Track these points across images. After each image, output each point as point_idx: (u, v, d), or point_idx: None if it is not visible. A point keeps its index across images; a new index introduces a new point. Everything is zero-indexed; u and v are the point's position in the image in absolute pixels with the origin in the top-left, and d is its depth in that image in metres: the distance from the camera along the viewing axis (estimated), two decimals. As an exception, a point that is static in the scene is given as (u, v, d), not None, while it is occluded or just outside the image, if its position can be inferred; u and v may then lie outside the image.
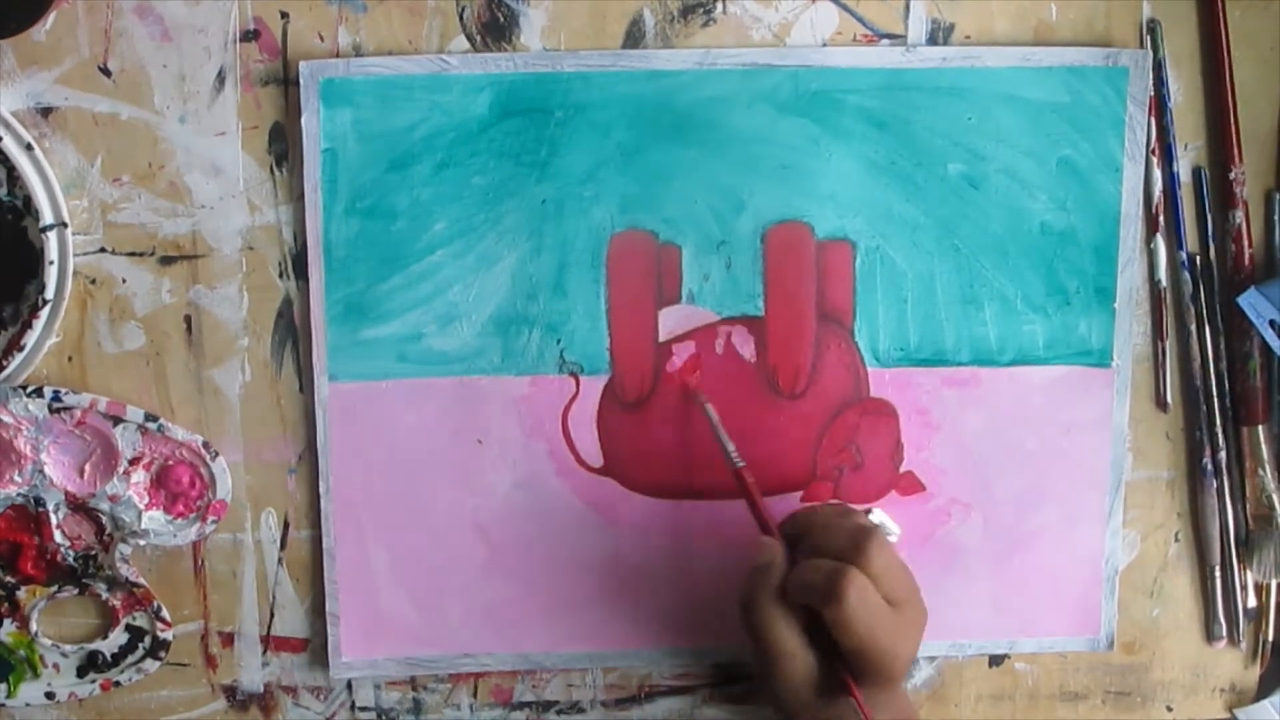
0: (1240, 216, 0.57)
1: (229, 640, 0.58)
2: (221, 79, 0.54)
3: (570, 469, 0.57)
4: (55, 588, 0.57)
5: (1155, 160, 0.57)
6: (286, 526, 0.57)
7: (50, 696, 0.57)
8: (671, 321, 0.56)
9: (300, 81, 0.53)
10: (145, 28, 0.53)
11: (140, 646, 0.58)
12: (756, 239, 0.56)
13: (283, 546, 0.57)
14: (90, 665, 0.58)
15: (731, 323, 0.56)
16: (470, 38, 0.54)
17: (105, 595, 0.57)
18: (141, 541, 0.56)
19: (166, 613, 0.57)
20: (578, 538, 0.57)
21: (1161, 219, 0.57)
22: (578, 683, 0.59)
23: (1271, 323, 0.56)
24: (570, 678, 0.59)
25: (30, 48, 0.53)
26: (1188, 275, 0.57)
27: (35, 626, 0.57)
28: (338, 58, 0.54)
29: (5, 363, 0.54)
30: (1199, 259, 0.58)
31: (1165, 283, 0.58)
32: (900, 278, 0.56)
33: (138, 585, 0.56)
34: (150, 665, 0.58)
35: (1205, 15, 0.56)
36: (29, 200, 0.53)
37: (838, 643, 0.48)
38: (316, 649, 0.58)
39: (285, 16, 0.54)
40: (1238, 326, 0.58)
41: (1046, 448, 0.58)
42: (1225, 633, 0.60)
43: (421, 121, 0.54)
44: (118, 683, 0.57)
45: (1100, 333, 0.57)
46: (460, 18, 0.54)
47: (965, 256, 0.56)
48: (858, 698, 0.48)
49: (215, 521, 0.56)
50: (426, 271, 0.55)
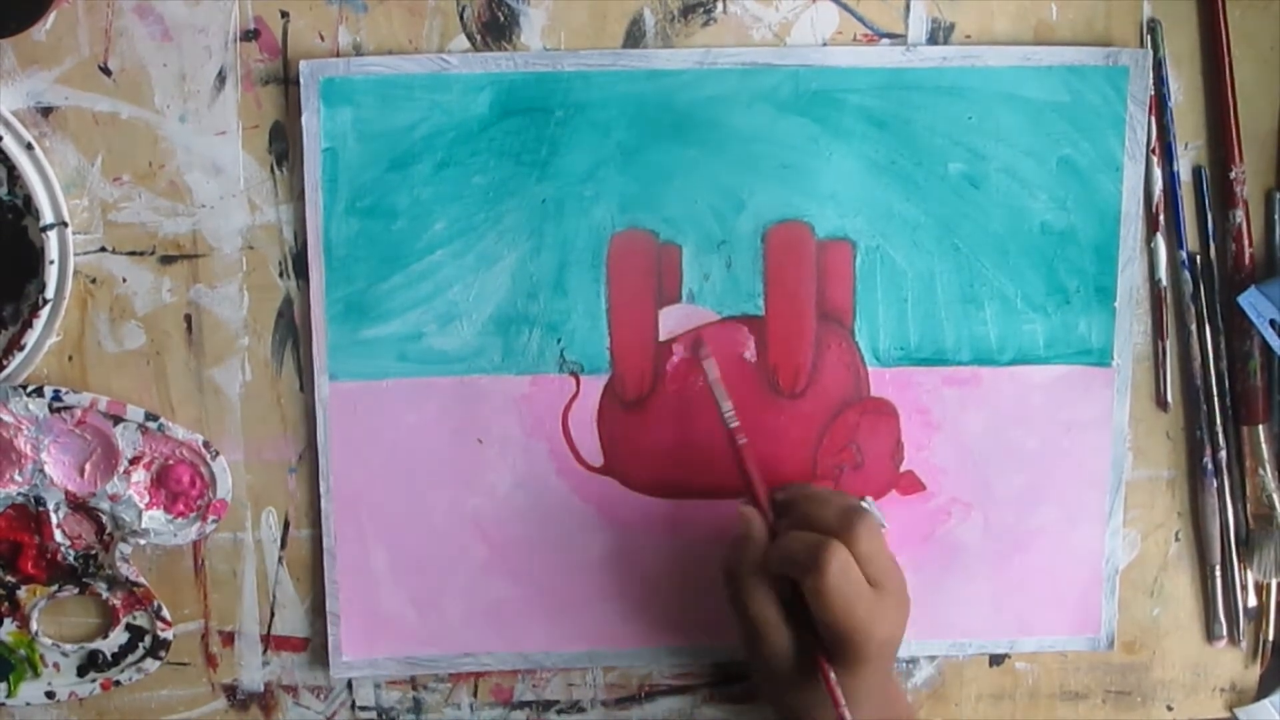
0: (1240, 216, 0.57)
1: (229, 640, 0.58)
2: (222, 78, 0.54)
3: (570, 468, 0.57)
4: (55, 587, 0.57)
5: (1155, 159, 0.57)
6: (287, 526, 0.57)
7: (50, 696, 0.57)
8: (672, 321, 0.56)
9: (300, 81, 0.53)
10: (145, 27, 0.53)
11: (140, 646, 0.58)
12: (757, 238, 0.56)
13: (283, 546, 0.57)
14: (90, 664, 0.58)
15: (731, 322, 0.56)
16: (470, 37, 0.54)
17: (105, 595, 0.57)
18: (142, 541, 0.56)
19: (167, 612, 0.57)
20: (578, 537, 0.57)
21: (1162, 218, 0.57)
22: (578, 682, 0.59)
23: (1272, 322, 0.56)
24: (570, 677, 0.59)
25: (30, 47, 0.53)
26: (1188, 274, 0.57)
27: (35, 626, 0.57)
28: (338, 57, 0.54)
29: (5, 362, 0.54)
30: (1199, 258, 0.58)
31: (1165, 282, 0.58)
32: (900, 277, 0.56)
33: (138, 584, 0.56)
34: (150, 665, 0.58)
35: (1205, 15, 0.56)
36: (29, 199, 0.53)
37: (814, 618, 0.48)
38: (317, 648, 0.58)
39: (285, 16, 0.54)
40: (1238, 326, 0.58)
41: (1047, 447, 0.58)
42: (1225, 632, 0.60)
43: (422, 121, 0.54)
44: (118, 682, 0.57)
45: (1100, 332, 0.57)
46: (460, 17, 0.54)
47: (965, 256, 0.56)
48: (826, 674, 0.48)
49: (215, 521, 0.56)
50: (427, 271, 0.55)
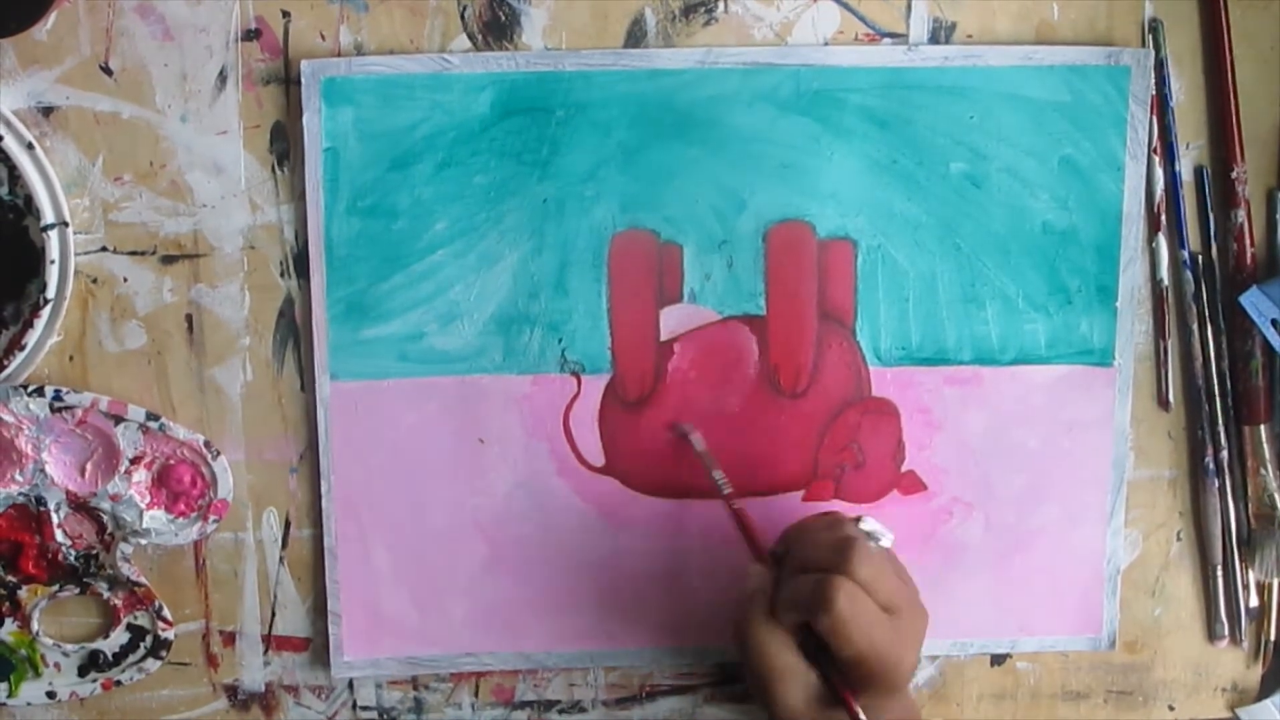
0: (1242, 215, 0.57)
1: (230, 639, 0.58)
2: (223, 78, 0.54)
3: (572, 468, 0.57)
4: (56, 587, 0.57)
5: (1157, 159, 0.57)
6: (288, 526, 0.57)
7: (51, 696, 0.57)
8: (673, 321, 0.56)
9: (301, 80, 0.53)
10: (147, 27, 0.53)
11: (141, 646, 0.58)
12: (758, 238, 0.56)
13: (284, 546, 0.57)
14: (91, 664, 0.58)
15: (733, 321, 0.56)
16: (471, 37, 0.54)
17: (106, 594, 0.57)
18: (143, 541, 0.56)
19: (168, 612, 0.57)
20: (579, 537, 0.57)
21: (1163, 218, 0.57)
22: (579, 682, 0.59)
23: (1273, 321, 0.56)
24: (572, 677, 0.59)
25: (31, 47, 0.53)
26: (1189, 274, 0.57)
27: (36, 626, 0.57)
28: (339, 57, 0.54)
29: (7, 362, 0.54)
30: (1201, 258, 0.58)
31: (1167, 282, 0.58)
32: (902, 277, 0.56)
33: (139, 584, 0.56)
34: (151, 664, 0.57)
35: (1206, 14, 0.56)
36: (30, 199, 0.53)
37: (835, 655, 0.47)
38: (318, 648, 0.58)
39: (286, 15, 0.54)
40: (1239, 325, 0.58)
41: (1048, 447, 0.58)
42: (1227, 632, 0.60)
43: (423, 121, 0.54)
44: (119, 682, 0.57)
45: (1102, 332, 0.57)
46: (462, 17, 0.54)
47: (967, 255, 0.56)
48: (855, 713, 0.47)
49: (216, 521, 0.56)
50: (428, 271, 0.55)
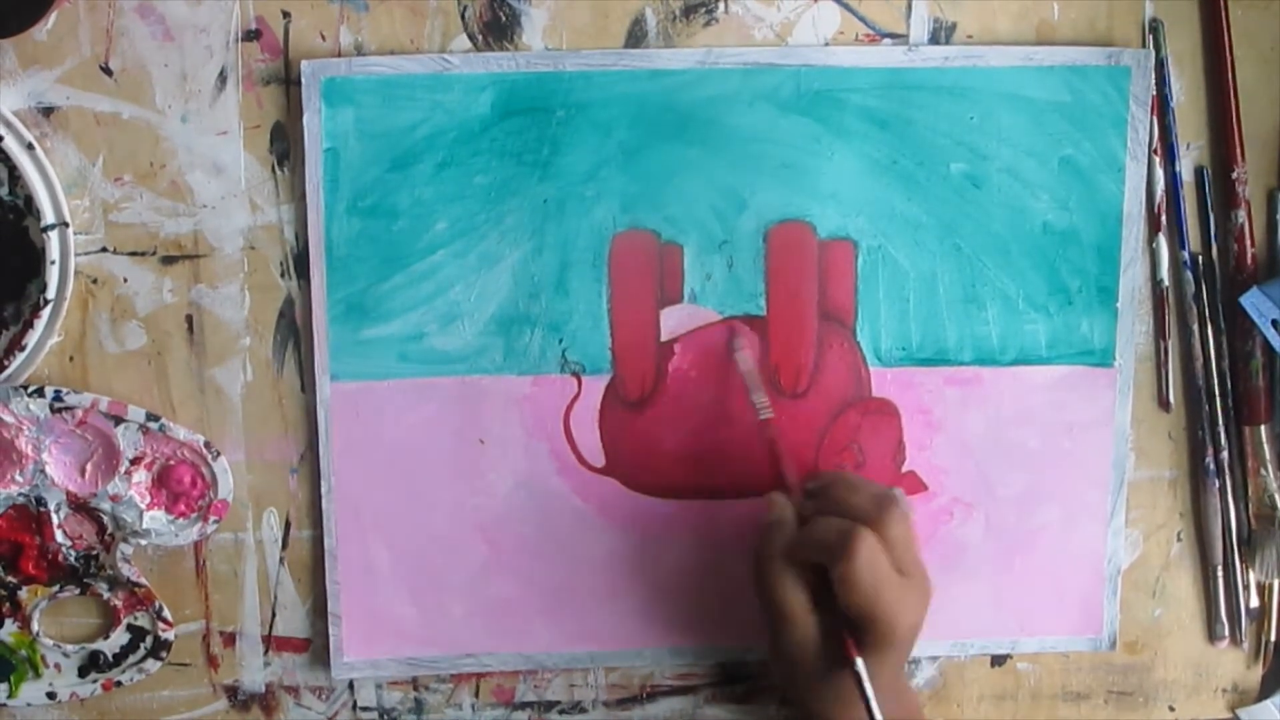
0: (1242, 216, 0.57)
1: (230, 640, 0.58)
2: (223, 78, 0.54)
3: (572, 469, 0.57)
4: (57, 587, 0.57)
5: (1157, 160, 0.57)
6: (288, 526, 0.57)
7: (52, 696, 0.57)
8: (673, 321, 0.56)
9: (302, 80, 0.53)
10: (147, 27, 0.53)
11: (142, 646, 0.58)
12: (758, 238, 0.56)
13: (284, 546, 0.57)
14: (92, 665, 0.58)
15: (733, 322, 0.56)
16: (472, 37, 0.54)
17: (107, 595, 0.57)
18: (143, 541, 0.56)
19: (168, 613, 0.57)
20: (579, 537, 0.57)
21: (1164, 218, 0.57)
22: (580, 682, 0.59)
23: (1274, 322, 0.56)
24: (572, 677, 0.59)
25: (32, 47, 0.53)
26: (1190, 275, 0.57)
27: (37, 626, 0.57)
28: (339, 57, 0.54)
29: (7, 362, 0.54)
30: (1201, 258, 0.58)
31: (1167, 282, 0.58)
32: (902, 277, 0.56)
33: (139, 585, 0.56)
34: (152, 665, 0.57)
35: (1207, 15, 0.56)
36: (30, 200, 0.53)
37: (840, 603, 0.48)
38: (318, 649, 0.58)
39: (287, 16, 0.54)
40: (1240, 326, 0.58)
41: (1048, 447, 0.58)
42: (1227, 632, 0.60)
43: (423, 121, 0.54)
44: (119, 683, 0.57)
45: (1102, 332, 0.57)
46: (462, 17, 0.54)
47: (967, 256, 0.56)
48: (854, 659, 0.48)
49: (217, 521, 0.56)
50: (428, 271, 0.55)
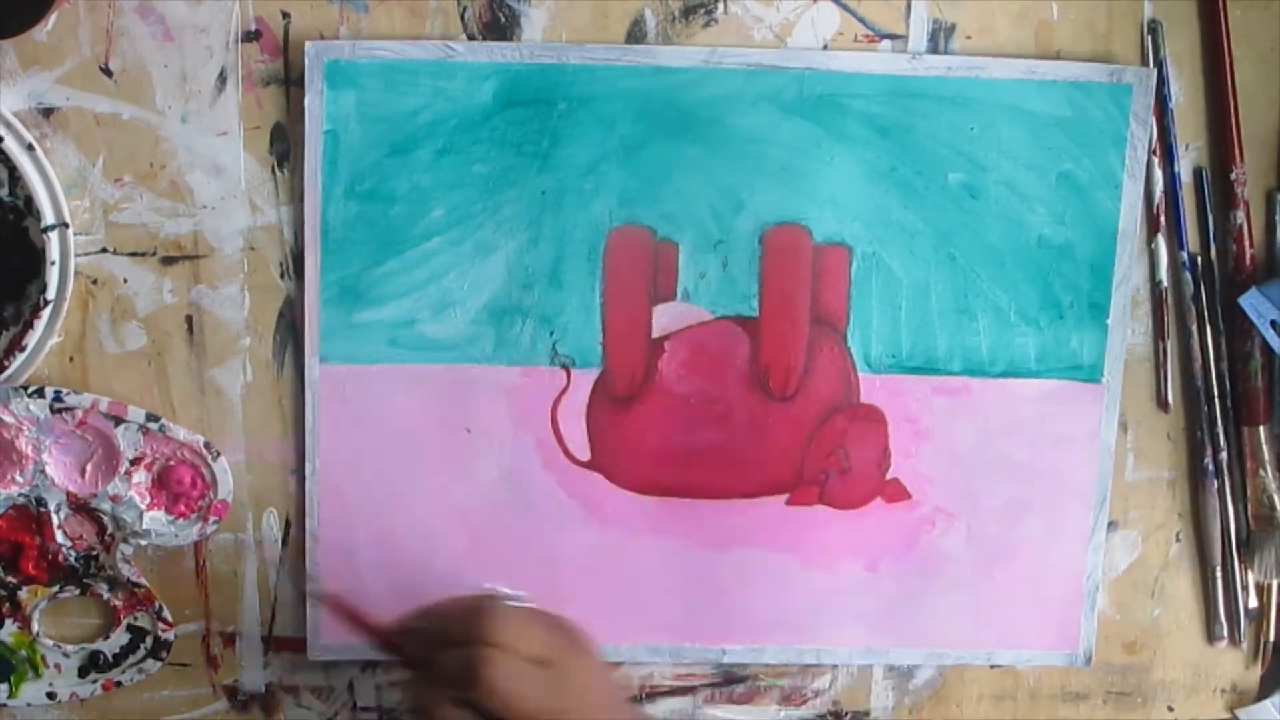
0: (1241, 217, 0.57)
1: (230, 640, 0.58)
2: (223, 79, 0.54)
3: (557, 461, 0.57)
4: (57, 588, 0.57)
5: (1156, 160, 0.57)
6: (288, 526, 0.57)
7: (52, 697, 0.57)
8: (665, 318, 0.56)
9: (305, 62, 0.53)
10: (147, 28, 0.53)
11: (142, 646, 0.58)
12: (754, 239, 0.56)
13: (284, 546, 0.57)
14: (92, 665, 0.58)
15: (725, 322, 0.56)
16: (471, 37, 0.54)
17: (107, 595, 0.57)
18: (143, 541, 0.56)
19: (168, 613, 0.57)
20: (561, 530, 0.57)
21: (1163, 219, 0.57)
22: (579, 683, 0.59)
23: (1273, 323, 0.56)
24: (571, 678, 0.59)
25: (32, 48, 0.53)
26: (1189, 275, 0.57)
27: (37, 627, 0.57)
28: (342, 40, 0.54)
29: (7, 363, 0.54)
30: (1200, 259, 0.58)
31: (1166, 283, 0.58)
32: (895, 284, 0.56)
33: (139, 585, 0.56)
34: (152, 665, 0.57)
35: (1206, 15, 0.56)
36: (30, 200, 0.53)
37: None
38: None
39: (286, 16, 0.54)
40: (1239, 327, 0.58)
41: (1033, 460, 0.58)
42: (1226, 633, 0.60)
43: (425, 107, 0.54)
44: (119, 683, 0.57)
45: (1092, 348, 0.57)
46: (461, 17, 0.54)
47: (961, 266, 0.56)
48: None
49: (216, 521, 0.56)
50: (422, 257, 0.55)
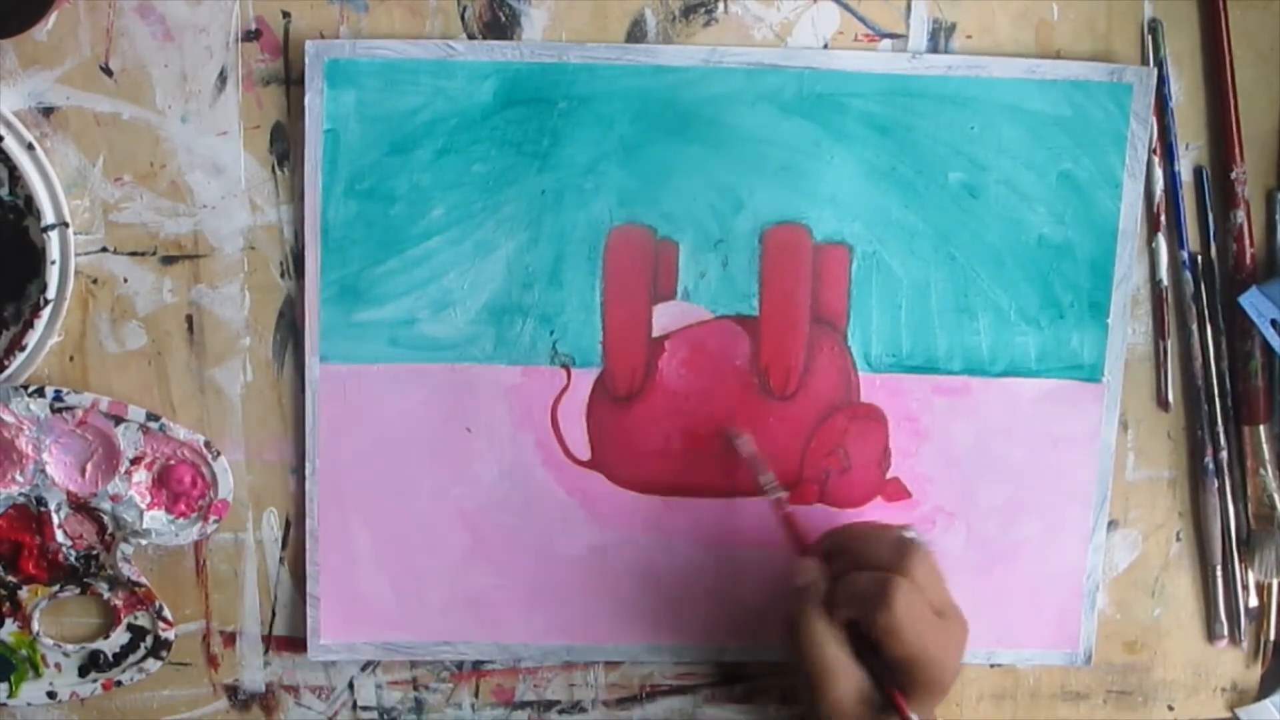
0: (1241, 216, 0.57)
1: (230, 640, 0.58)
2: (223, 79, 0.54)
3: (557, 461, 0.57)
4: (57, 587, 0.57)
5: (1157, 160, 0.57)
6: (288, 526, 0.57)
7: (52, 696, 0.57)
8: (665, 318, 0.56)
9: (305, 60, 0.53)
10: (147, 27, 0.54)
11: (142, 646, 0.58)
12: (754, 239, 0.56)
13: (284, 546, 0.57)
14: (92, 665, 0.58)
15: (725, 321, 0.56)
16: (472, 37, 0.54)
17: (107, 595, 0.57)
18: (143, 541, 0.56)
19: (168, 612, 0.57)
20: (561, 530, 0.57)
21: (1163, 219, 0.57)
22: (579, 682, 0.59)
23: (1273, 322, 0.56)
24: (571, 677, 0.59)
25: (32, 47, 0.53)
26: (1189, 275, 0.57)
27: (37, 626, 0.57)
28: (342, 39, 0.54)
29: (7, 362, 0.54)
30: (1200, 258, 0.58)
31: (1166, 282, 0.58)
32: (896, 284, 0.56)
33: (139, 585, 0.57)
34: (152, 665, 0.58)
35: (1206, 15, 0.56)
36: (30, 200, 0.53)
37: (886, 655, 0.47)
38: (318, 648, 0.58)
39: (287, 16, 0.54)
40: (1239, 326, 0.58)
41: (1033, 460, 0.58)
42: (1226, 632, 0.60)
43: (425, 106, 0.54)
44: (119, 682, 0.58)
45: (1092, 347, 0.57)
46: (461, 17, 0.54)
47: (961, 265, 0.56)
48: (905, 713, 0.47)
49: (217, 521, 0.56)
50: (422, 256, 0.55)
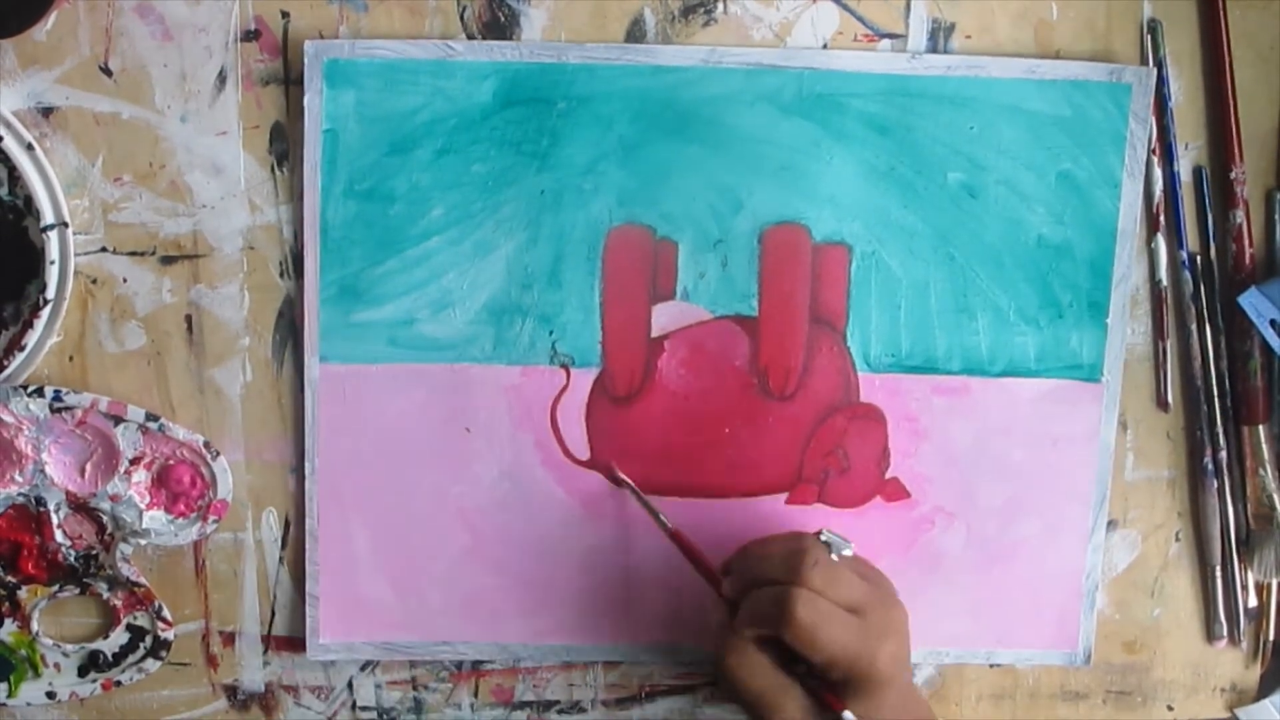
0: (1241, 216, 0.57)
1: (230, 640, 0.58)
2: (222, 78, 0.54)
3: (556, 461, 0.57)
4: (56, 587, 0.57)
5: (1156, 160, 0.57)
6: (287, 526, 0.57)
7: (51, 696, 0.57)
8: (665, 318, 0.56)
9: (304, 61, 0.53)
10: (146, 27, 0.54)
11: (141, 646, 0.58)
12: (754, 239, 0.56)
13: (283, 546, 0.57)
14: (91, 665, 0.58)
15: (724, 321, 0.56)
16: (471, 37, 0.54)
17: (106, 595, 0.57)
18: (142, 541, 0.56)
19: (167, 612, 0.57)
20: (560, 530, 0.57)
21: (1162, 219, 0.57)
22: (578, 682, 0.59)
23: (1272, 322, 0.56)
24: (571, 677, 0.59)
25: (31, 47, 0.53)
26: (1188, 275, 0.57)
27: (36, 626, 0.57)
28: (342, 39, 0.54)
29: (6, 362, 0.54)
30: (1200, 258, 0.58)
31: (1166, 282, 0.58)
32: (895, 284, 0.56)
33: (139, 585, 0.57)
34: (151, 665, 0.58)
35: (1205, 15, 0.56)
36: (30, 200, 0.53)
37: (809, 662, 0.48)
38: (317, 648, 0.58)
39: (286, 16, 0.54)
40: (1238, 326, 0.58)
41: (1033, 460, 0.58)
42: (1226, 632, 0.60)
43: (424, 106, 0.54)
44: (119, 682, 0.58)
45: (1091, 347, 0.57)
46: (461, 17, 0.54)
47: (960, 265, 0.56)
48: (841, 711, 0.48)
49: (216, 521, 0.56)
50: (422, 257, 0.55)
